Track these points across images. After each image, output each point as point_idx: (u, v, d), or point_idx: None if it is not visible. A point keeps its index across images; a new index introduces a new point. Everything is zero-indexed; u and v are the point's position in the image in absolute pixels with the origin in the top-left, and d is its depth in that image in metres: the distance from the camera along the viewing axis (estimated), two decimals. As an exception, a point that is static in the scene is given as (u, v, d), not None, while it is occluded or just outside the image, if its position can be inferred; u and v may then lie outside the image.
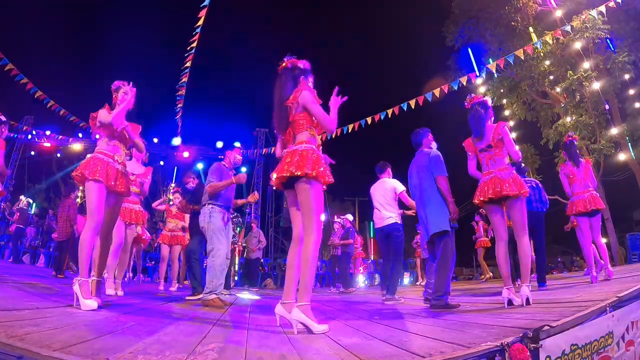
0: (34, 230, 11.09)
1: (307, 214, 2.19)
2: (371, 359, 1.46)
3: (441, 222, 3.30)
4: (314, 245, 2.15)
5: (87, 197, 2.73)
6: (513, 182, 2.95)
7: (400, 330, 2.14)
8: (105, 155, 2.81)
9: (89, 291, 2.54)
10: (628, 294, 2.22)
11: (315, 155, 2.24)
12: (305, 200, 2.20)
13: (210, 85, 23.46)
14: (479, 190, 3.12)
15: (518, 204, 2.99)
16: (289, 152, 2.28)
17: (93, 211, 2.68)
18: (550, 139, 12.26)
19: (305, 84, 2.38)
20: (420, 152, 3.69)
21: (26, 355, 1.26)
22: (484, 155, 3.17)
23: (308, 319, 2.04)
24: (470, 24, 13.57)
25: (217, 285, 3.59)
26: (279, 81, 2.42)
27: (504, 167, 3.05)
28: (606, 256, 4.48)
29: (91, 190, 2.70)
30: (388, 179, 4.70)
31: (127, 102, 2.85)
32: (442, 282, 3.23)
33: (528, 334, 1.56)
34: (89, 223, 2.67)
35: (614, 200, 11.54)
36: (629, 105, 11.48)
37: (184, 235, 6.02)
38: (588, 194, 4.35)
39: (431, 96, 8.85)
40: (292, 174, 2.17)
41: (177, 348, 1.55)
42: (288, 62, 2.43)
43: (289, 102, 2.33)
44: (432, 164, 3.45)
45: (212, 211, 3.77)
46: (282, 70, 2.44)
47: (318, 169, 2.18)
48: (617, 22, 10.63)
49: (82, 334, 1.66)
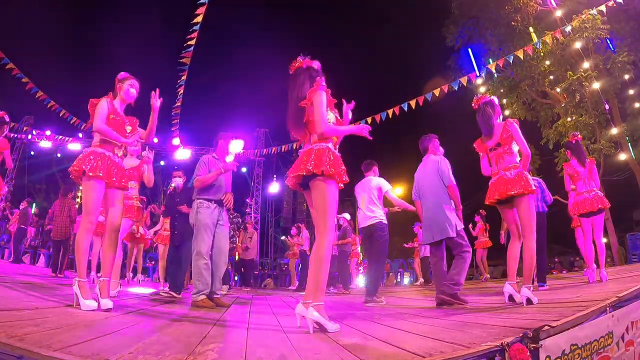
0: (34, 230, 11.08)
1: (322, 213, 2.18)
2: (371, 359, 1.46)
3: (448, 228, 3.48)
4: (328, 244, 2.15)
5: (84, 195, 2.63)
6: (518, 180, 2.93)
7: (400, 330, 2.13)
8: (105, 149, 2.70)
9: (88, 291, 2.49)
10: (628, 294, 2.23)
11: (332, 154, 2.23)
12: (320, 199, 2.19)
13: (210, 85, 23.44)
14: (489, 192, 3.16)
15: (524, 202, 2.93)
16: (305, 152, 2.28)
17: (90, 210, 2.58)
18: (550, 139, 12.26)
19: (321, 85, 2.37)
20: (428, 158, 3.81)
21: (26, 355, 1.26)
22: (492, 155, 3.20)
23: (322, 319, 2.05)
24: (470, 24, 13.59)
25: (204, 285, 3.48)
26: (295, 81, 2.40)
27: (510, 165, 3.05)
28: (603, 258, 4.44)
29: (90, 188, 2.59)
30: (374, 177, 4.59)
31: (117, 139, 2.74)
32: (457, 273, 3.38)
33: (528, 334, 1.56)
34: (85, 223, 2.59)
35: (614, 200, 11.51)
36: (629, 105, 11.48)
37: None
38: (593, 193, 4.35)
39: (431, 96, 8.85)
40: (308, 172, 2.16)
41: (177, 348, 1.55)
42: (303, 62, 2.43)
43: (304, 103, 2.32)
44: (442, 173, 3.61)
45: (200, 206, 3.64)
46: (297, 70, 2.43)
47: (335, 168, 2.18)
48: (617, 22, 10.64)
49: (82, 334, 1.66)
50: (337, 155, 2.27)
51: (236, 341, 1.83)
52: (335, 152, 2.29)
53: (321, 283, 2.12)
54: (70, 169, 2.66)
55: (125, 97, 2.93)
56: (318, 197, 2.20)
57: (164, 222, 6.36)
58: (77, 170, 2.61)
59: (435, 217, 3.59)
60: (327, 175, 2.16)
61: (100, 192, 2.63)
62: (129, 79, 2.93)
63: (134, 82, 2.94)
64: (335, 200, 2.23)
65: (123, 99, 2.93)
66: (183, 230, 4.47)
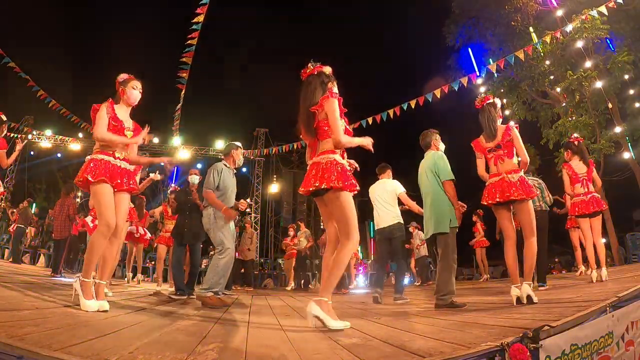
0: (34, 230, 11.09)
1: (343, 223, 2.25)
2: (371, 359, 1.46)
3: (442, 223, 3.36)
4: (349, 251, 2.22)
5: (95, 201, 2.62)
6: (521, 185, 2.99)
7: (400, 330, 2.14)
8: (105, 154, 2.66)
9: (90, 292, 2.45)
10: (628, 294, 2.23)
11: (339, 166, 2.26)
12: (337, 211, 2.26)
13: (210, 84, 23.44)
14: (487, 192, 3.15)
15: (525, 206, 3.02)
16: (312, 165, 2.33)
17: (103, 213, 2.55)
18: (550, 139, 12.25)
19: (332, 92, 2.39)
20: (427, 154, 3.76)
21: (26, 356, 1.26)
22: (492, 155, 3.20)
23: (324, 314, 2.08)
24: (470, 24, 13.58)
25: (216, 282, 3.51)
26: (307, 87, 2.43)
27: (512, 169, 3.07)
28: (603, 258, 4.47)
29: (98, 192, 2.58)
30: (388, 180, 4.75)
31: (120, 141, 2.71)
32: (444, 281, 3.24)
33: (528, 334, 1.56)
34: (100, 227, 2.55)
35: (614, 200, 11.52)
36: (629, 105, 11.48)
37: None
38: (590, 195, 4.41)
39: (431, 96, 8.86)
40: (317, 188, 2.23)
41: (177, 348, 1.55)
42: (314, 68, 2.45)
43: (315, 109, 2.34)
44: (438, 167, 3.51)
45: (217, 212, 3.68)
46: (308, 77, 2.45)
47: (343, 182, 2.21)
48: (617, 22, 10.62)
49: (82, 334, 1.66)
50: (344, 167, 2.31)
51: (236, 341, 1.83)
52: (343, 164, 2.32)
53: (332, 282, 2.20)
54: (75, 181, 2.70)
55: (130, 100, 2.85)
56: (335, 209, 2.27)
57: (166, 223, 6.22)
58: (82, 180, 2.60)
59: (430, 213, 3.51)
60: (337, 189, 2.21)
61: (109, 194, 2.60)
62: (131, 80, 2.83)
63: (136, 83, 2.85)
64: (352, 207, 2.28)
65: (128, 102, 2.85)
66: (197, 230, 4.36)
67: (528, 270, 2.95)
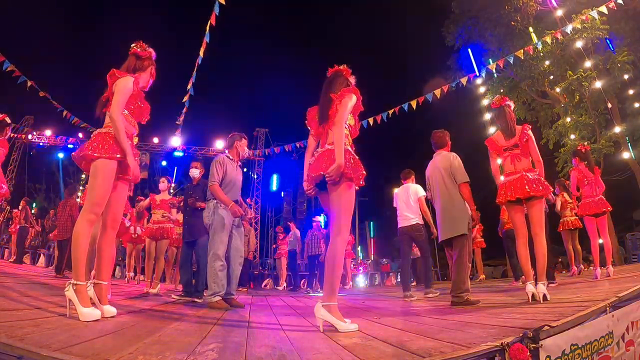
0: (34, 231, 11.08)
1: (338, 214, 2.20)
2: (371, 359, 1.46)
3: (461, 225, 3.45)
4: (341, 244, 2.18)
5: (91, 180, 2.18)
6: (539, 183, 3.07)
7: (400, 330, 2.13)
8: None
9: (88, 298, 2.08)
10: (628, 294, 2.23)
11: (352, 157, 2.25)
12: (336, 200, 2.21)
13: (210, 84, 23.45)
14: (504, 189, 3.19)
15: (540, 203, 3.12)
16: (324, 153, 2.27)
17: (97, 197, 2.15)
18: (550, 139, 12.26)
19: (357, 91, 2.39)
20: (439, 154, 3.79)
21: (26, 356, 1.26)
22: (508, 154, 3.26)
23: (334, 318, 2.07)
24: (470, 24, 13.59)
25: (219, 287, 3.46)
26: (333, 79, 2.43)
27: (529, 167, 3.15)
28: (609, 256, 4.93)
29: (102, 170, 2.17)
30: (412, 184, 5.08)
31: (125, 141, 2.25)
32: (461, 280, 3.36)
33: (528, 334, 1.56)
34: (87, 214, 2.13)
35: (614, 200, 11.52)
36: (628, 105, 11.49)
37: (172, 228, 5.41)
38: (598, 197, 4.83)
39: (431, 96, 8.86)
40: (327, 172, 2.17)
41: (177, 348, 1.55)
42: (342, 69, 2.47)
43: (335, 95, 2.32)
44: (454, 168, 3.57)
45: (217, 206, 3.59)
46: (334, 73, 2.47)
47: (355, 172, 2.19)
48: (617, 22, 10.63)
49: (82, 334, 1.66)
50: (356, 158, 2.29)
51: (236, 341, 1.82)
52: (355, 155, 2.30)
53: (334, 283, 2.15)
54: (74, 154, 2.28)
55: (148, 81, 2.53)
56: (335, 197, 2.22)
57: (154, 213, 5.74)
58: (82, 157, 2.21)
59: (446, 215, 3.55)
60: (347, 177, 2.17)
61: (111, 176, 2.21)
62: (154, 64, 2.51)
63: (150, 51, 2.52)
64: (352, 203, 2.25)
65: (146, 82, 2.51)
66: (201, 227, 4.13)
67: (541, 270, 2.99)
